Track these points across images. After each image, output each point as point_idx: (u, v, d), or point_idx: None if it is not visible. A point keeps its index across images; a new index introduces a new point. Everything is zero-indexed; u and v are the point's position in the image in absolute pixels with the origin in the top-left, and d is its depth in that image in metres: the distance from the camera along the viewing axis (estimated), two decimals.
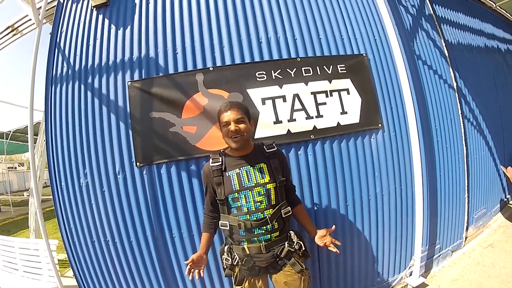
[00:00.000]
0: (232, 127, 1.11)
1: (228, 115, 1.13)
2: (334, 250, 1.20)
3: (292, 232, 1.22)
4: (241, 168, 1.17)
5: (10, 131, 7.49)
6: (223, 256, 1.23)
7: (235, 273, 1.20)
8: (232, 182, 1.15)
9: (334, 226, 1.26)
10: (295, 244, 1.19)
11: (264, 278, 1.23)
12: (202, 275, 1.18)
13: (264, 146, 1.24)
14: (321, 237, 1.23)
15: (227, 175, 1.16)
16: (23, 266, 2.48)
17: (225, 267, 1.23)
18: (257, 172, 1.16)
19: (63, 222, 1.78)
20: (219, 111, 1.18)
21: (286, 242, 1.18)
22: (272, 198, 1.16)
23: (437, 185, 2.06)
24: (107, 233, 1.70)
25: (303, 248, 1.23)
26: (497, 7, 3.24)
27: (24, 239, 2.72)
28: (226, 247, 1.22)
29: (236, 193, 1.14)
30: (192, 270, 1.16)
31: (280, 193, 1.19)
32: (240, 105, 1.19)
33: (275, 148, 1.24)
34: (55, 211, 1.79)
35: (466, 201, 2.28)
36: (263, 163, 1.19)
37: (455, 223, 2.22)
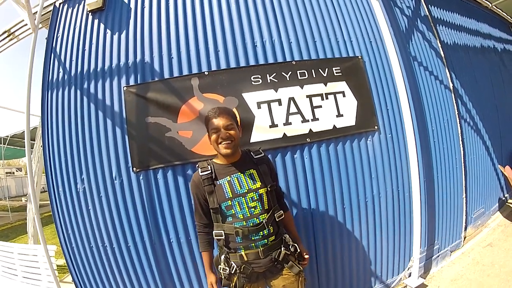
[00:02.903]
0: (222, 133, 1.11)
1: (218, 122, 1.12)
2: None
3: (286, 235, 1.22)
4: (232, 176, 1.16)
5: (7, 136, 7.47)
6: (219, 266, 1.20)
7: (233, 283, 1.17)
8: (224, 190, 1.14)
9: (307, 256, 1.29)
10: (290, 246, 1.20)
11: (262, 284, 1.23)
12: None
13: (252, 153, 1.25)
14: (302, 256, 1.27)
15: (219, 183, 1.15)
16: (22, 271, 2.48)
17: (222, 277, 1.20)
18: (248, 178, 1.17)
19: (61, 227, 1.78)
20: (207, 117, 1.17)
21: (282, 246, 1.18)
22: (265, 202, 1.16)
23: (434, 186, 2.06)
24: (105, 238, 1.70)
25: (298, 250, 1.23)
26: (493, 6, 3.24)
27: (23, 244, 2.71)
28: (222, 256, 1.18)
29: (229, 201, 1.13)
30: None
31: (272, 198, 1.19)
32: (229, 111, 1.19)
33: (262, 154, 1.25)
34: (53, 217, 1.79)
35: (464, 201, 2.28)
36: (252, 169, 1.19)
37: (453, 223, 2.22)
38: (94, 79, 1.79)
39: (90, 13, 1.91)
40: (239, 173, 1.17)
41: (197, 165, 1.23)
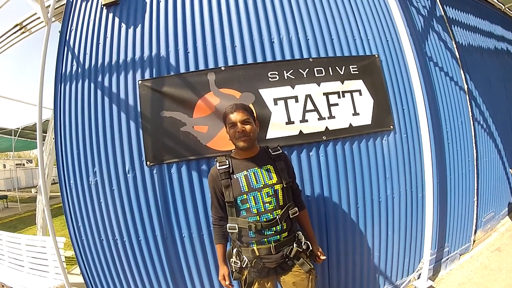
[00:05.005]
0: (239, 127, 1.14)
1: (234, 117, 1.16)
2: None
3: (299, 232, 1.24)
4: (249, 170, 1.18)
5: (18, 128, 7.52)
6: (231, 260, 1.22)
7: (244, 276, 1.20)
8: (241, 184, 1.16)
9: (324, 258, 1.32)
10: (302, 244, 1.21)
11: (272, 280, 1.23)
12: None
13: (270, 149, 1.27)
14: (317, 256, 1.30)
15: (235, 177, 1.17)
16: (29, 263, 2.49)
17: (233, 270, 1.23)
18: (264, 173, 1.18)
19: (71, 219, 1.78)
20: (224, 113, 1.21)
21: (294, 243, 1.19)
22: (280, 198, 1.17)
23: (447, 188, 2.04)
24: (116, 232, 1.70)
25: (310, 248, 1.24)
26: (506, 9, 3.21)
27: (31, 236, 2.72)
28: (234, 250, 1.21)
29: (245, 195, 1.15)
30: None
31: (287, 194, 1.20)
32: (245, 107, 1.21)
33: (280, 151, 1.27)
34: (63, 209, 1.80)
35: (475, 204, 2.27)
36: (269, 165, 1.21)
37: (463, 226, 2.20)
38: (109, 72, 1.79)
39: (104, 7, 1.90)
40: (256, 168, 1.19)
41: (215, 159, 1.25)
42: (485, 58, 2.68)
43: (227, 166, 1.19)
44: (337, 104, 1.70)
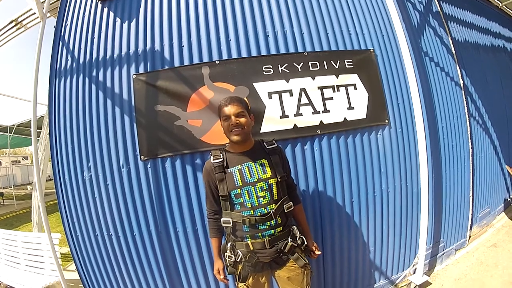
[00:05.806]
0: (232, 120, 1.13)
1: (229, 109, 1.14)
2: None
3: (294, 227, 1.23)
4: (243, 164, 1.17)
5: (14, 125, 7.51)
6: (225, 254, 1.22)
7: (239, 270, 1.20)
8: (235, 178, 1.15)
9: (319, 253, 1.32)
10: (297, 239, 1.20)
11: (267, 274, 1.23)
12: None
13: (264, 143, 1.26)
14: (312, 251, 1.30)
15: (229, 171, 1.17)
16: (25, 260, 2.48)
17: (228, 264, 1.22)
18: (258, 168, 1.18)
19: (66, 216, 1.77)
20: (219, 106, 1.20)
21: (289, 237, 1.18)
22: (274, 193, 1.17)
23: (442, 183, 2.04)
24: (111, 227, 1.69)
25: (305, 243, 1.24)
26: (503, 6, 3.21)
27: (27, 233, 2.71)
28: (229, 244, 1.21)
29: (239, 189, 1.15)
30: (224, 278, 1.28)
31: (282, 188, 1.19)
32: (240, 100, 1.20)
33: (275, 145, 1.26)
34: (58, 205, 1.79)
35: (471, 199, 2.27)
36: (264, 159, 1.20)
37: (459, 222, 2.21)
38: (103, 67, 1.78)
39: (99, 2, 1.90)
40: (250, 162, 1.18)
41: (210, 153, 1.25)
42: (481, 55, 2.68)
43: (221, 160, 1.18)
44: (331, 98, 1.69)
